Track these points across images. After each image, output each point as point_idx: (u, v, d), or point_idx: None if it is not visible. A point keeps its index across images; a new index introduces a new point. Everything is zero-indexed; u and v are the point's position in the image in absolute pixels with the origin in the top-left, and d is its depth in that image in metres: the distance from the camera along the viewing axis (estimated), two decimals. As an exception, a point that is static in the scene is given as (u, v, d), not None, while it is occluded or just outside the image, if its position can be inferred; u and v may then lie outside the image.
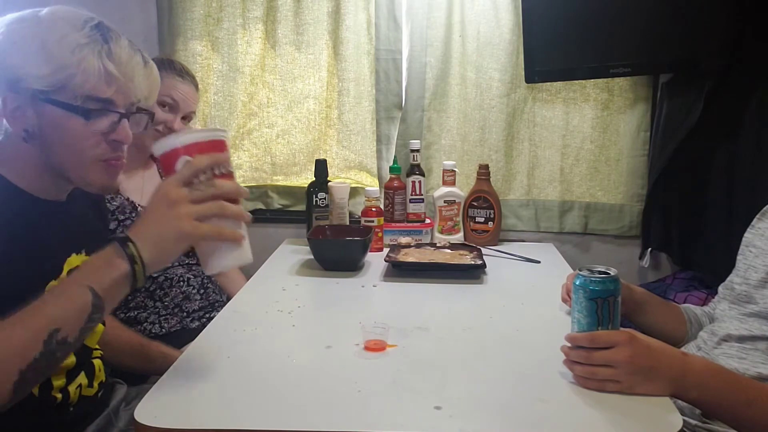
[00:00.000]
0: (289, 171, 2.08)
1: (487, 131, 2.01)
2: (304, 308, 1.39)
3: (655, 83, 1.93)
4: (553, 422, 0.91)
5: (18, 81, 0.97)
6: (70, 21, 0.99)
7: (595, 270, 1.01)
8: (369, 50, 1.99)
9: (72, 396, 1.11)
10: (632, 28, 1.75)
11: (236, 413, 0.91)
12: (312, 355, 1.13)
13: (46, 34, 0.97)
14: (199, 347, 1.15)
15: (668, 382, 0.96)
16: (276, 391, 0.99)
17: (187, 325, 1.63)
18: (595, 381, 0.97)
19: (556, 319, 1.30)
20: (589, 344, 0.98)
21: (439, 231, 1.95)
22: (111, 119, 1.02)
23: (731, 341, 1.15)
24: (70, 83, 0.97)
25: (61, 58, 0.96)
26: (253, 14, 1.98)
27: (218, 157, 0.95)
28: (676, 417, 0.90)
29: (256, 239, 2.02)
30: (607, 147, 2.00)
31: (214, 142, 0.95)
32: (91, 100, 0.99)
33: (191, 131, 1.20)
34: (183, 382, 1.01)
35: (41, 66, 0.96)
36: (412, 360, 1.01)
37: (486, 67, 1.97)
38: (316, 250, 1.66)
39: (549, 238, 2.04)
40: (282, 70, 2.02)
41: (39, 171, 1.03)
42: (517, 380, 1.03)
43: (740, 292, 1.19)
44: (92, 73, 0.97)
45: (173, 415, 0.91)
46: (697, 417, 1.08)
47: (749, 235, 1.25)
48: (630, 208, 2.01)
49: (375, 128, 2.03)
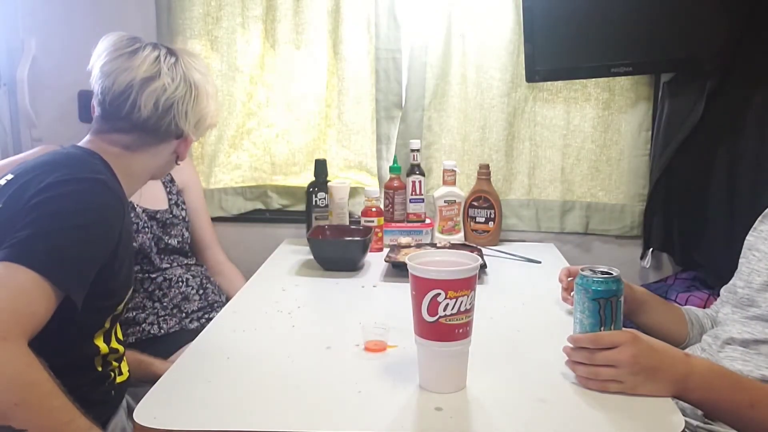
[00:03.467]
0: (289, 171, 2.07)
1: (488, 131, 2.00)
2: (304, 308, 1.38)
3: (657, 82, 1.92)
4: (555, 423, 0.91)
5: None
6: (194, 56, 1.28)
7: (597, 270, 1.00)
8: (369, 49, 1.98)
9: (113, 377, 1.21)
10: (633, 28, 1.74)
11: (236, 414, 0.91)
12: (312, 355, 1.12)
13: (203, 78, 1.27)
14: (198, 348, 1.15)
15: (671, 382, 0.96)
16: (276, 391, 0.98)
17: (186, 325, 1.62)
18: (598, 381, 0.96)
19: (557, 319, 1.29)
20: (592, 345, 0.97)
21: (440, 231, 1.94)
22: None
23: (735, 344, 1.15)
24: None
25: (209, 101, 1.29)
26: (252, 13, 1.97)
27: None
28: (678, 418, 0.90)
29: (255, 239, 2.06)
30: (608, 146, 1.99)
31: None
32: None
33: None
34: (182, 383, 1.01)
35: (205, 112, 1.29)
36: (412, 361, 1.00)
37: (486, 67, 1.96)
38: (315, 250, 1.66)
39: (550, 238, 2.04)
40: (281, 69, 2.01)
41: (139, 175, 1.27)
42: (518, 381, 1.02)
43: (743, 295, 1.19)
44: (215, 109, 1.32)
45: (172, 415, 0.90)
46: (699, 418, 1.08)
47: (751, 237, 1.24)
48: (631, 208, 2.00)
49: (375, 128, 2.02)
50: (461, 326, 0.94)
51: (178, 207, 1.75)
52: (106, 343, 1.16)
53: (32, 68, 2.00)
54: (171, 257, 1.70)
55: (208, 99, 1.26)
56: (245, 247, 2.03)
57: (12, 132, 2.05)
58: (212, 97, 1.28)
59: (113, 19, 1.98)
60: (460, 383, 0.98)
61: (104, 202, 1.08)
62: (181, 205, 1.76)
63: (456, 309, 0.92)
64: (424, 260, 0.98)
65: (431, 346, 0.95)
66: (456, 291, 0.92)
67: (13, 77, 2.00)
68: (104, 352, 1.15)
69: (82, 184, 1.07)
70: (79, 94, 1.93)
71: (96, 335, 1.14)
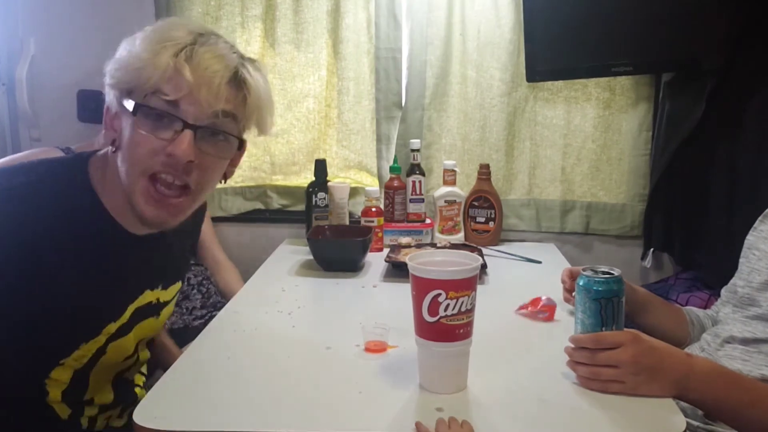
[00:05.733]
0: (289, 171, 2.07)
1: (488, 130, 2.00)
2: (304, 309, 1.38)
3: (657, 82, 1.92)
4: (555, 423, 0.91)
5: (111, 86, 0.95)
6: (174, 25, 0.96)
7: (598, 270, 1.00)
8: (369, 49, 1.98)
9: (98, 424, 1.11)
10: (634, 27, 1.74)
11: (236, 415, 0.91)
12: (312, 356, 1.12)
13: (142, 35, 0.94)
14: (198, 348, 1.15)
15: (672, 383, 0.96)
16: (276, 391, 0.98)
17: (190, 323, 1.63)
18: (599, 381, 0.96)
19: (557, 319, 1.29)
20: (593, 345, 0.97)
21: (440, 231, 1.94)
22: (174, 128, 0.93)
23: (735, 343, 1.15)
24: (139, 78, 0.91)
25: (138, 54, 0.92)
26: (252, 13, 1.97)
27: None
28: (679, 418, 0.90)
29: (255, 239, 2.05)
30: (608, 146, 1.99)
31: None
32: (155, 99, 0.92)
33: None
34: (182, 384, 1.01)
35: (122, 62, 0.93)
36: (412, 361, 1.00)
37: (487, 66, 1.96)
38: (315, 250, 1.66)
39: (550, 238, 2.03)
40: (281, 69, 2.01)
41: (122, 194, 0.97)
42: (518, 381, 1.02)
43: (743, 295, 1.18)
44: (160, 69, 0.90)
45: (173, 416, 0.90)
46: (699, 418, 1.08)
47: (752, 237, 1.24)
48: (632, 208, 2.00)
49: (375, 128, 2.02)
50: (462, 326, 0.93)
51: None
52: (70, 397, 1.04)
53: (31, 68, 2.00)
54: None
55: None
56: (245, 247, 2.03)
57: (11, 132, 2.05)
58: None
59: (112, 18, 1.97)
60: (461, 383, 0.98)
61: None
62: None
63: (457, 309, 0.92)
64: (424, 260, 0.98)
65: (432, 346, 0.95)
66: (457, 291, 0.91)
67: (13, 77, 2.00)
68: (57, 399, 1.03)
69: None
70: (78, 94, 1.93)
71: (46, 381, 1.01)
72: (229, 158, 1.03)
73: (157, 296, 1.12)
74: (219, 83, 0.93)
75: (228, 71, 0.95)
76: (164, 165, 0.94)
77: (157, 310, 1.14)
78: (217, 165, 1.01)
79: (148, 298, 1.10)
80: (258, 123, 1.03)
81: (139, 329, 1.10)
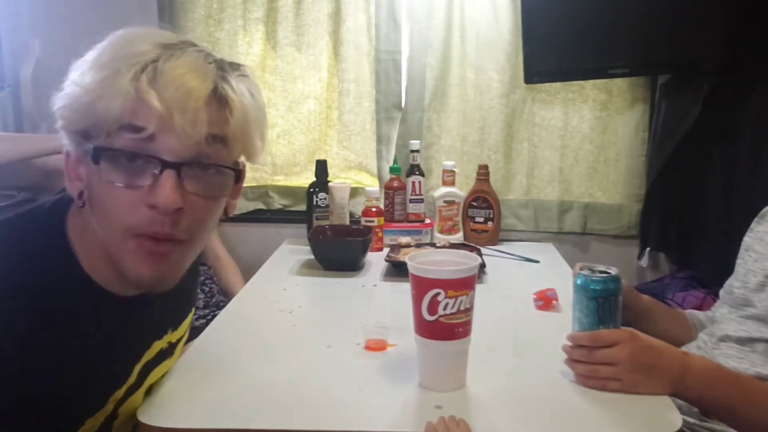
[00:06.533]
0: (290, 171, 2.08)
1: (487, 132, 2.01)
2: (305, 308, 1.39)
3: (654, 84, 1.93)
4: (553, 421, 0.92)
5: (64, 129, 0.77)
6: (134, 37, 0.78)
7: (596, 269, 1.01)
8: (369, 51, 1.99)
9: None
10: (631, 29, 1.75)
11: (237, 412, 0.92)
12: (312, 354, 1.13)
13: (94, 54, 0.76)
14: (200, 347, 1.16)
15: (669, 380, 0.97)
16: (277, 390, 0.99)
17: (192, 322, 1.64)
18: (597, 379, 0.97)
19: (555, 318, 1.30)
20: (590, 343, 0.98)
21: (439, 231, 1.95)
22: (151, 170, 0.74)
23: (730, 342, 1.16)
24: (95, 115, 0.73)
25: (88, 83, 0.73)
26: (253, 15, 1.99)
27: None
28: (675, 416, 0.91)
29: (256, 239, 2.06)
30: (605, 147, 2.00)
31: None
32: (120, 138, 0.73)
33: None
34: (185, 382, 1.01)
35: (71, 98, 0.74)
36: (412, 359, 1.01)
37: (485, 68, 1.97)
38: (316, 250, 1.67)
39: (548, 238, 2.05)
40: (282, 70, 2.02)
41: (105, 255, 0.80)
42: (517, 379, 1.03)
43: (739, 295, 1.19)
44: (119, 99, 0.72)
45: (175, 414, 0.91)
46: (695, 415, 1.09)
47: (748, 239, 1.25)
48: (628, 208, 2.01)
49: (375, 129, 2.03)
50: (461, 325, 0.95)
51: None
52: None
53: (36, 70, 2.01)
54: None
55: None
56: (246, 246, 2.05)
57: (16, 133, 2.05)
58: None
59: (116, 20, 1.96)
60: (460, 382, 0.99)
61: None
62: None
63: (456, 308, 0.93)
64: (424, 260, 0.99)
65: (431, 345, 0.96)
66: (456, 290, 0.93)
67: (17, 79, 2.01)
68: None
69: None
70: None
71: None
72: (226, 195, 0.84)
73: (167, 341, 0.99)
74: (196, 106, 0.73)
75: (205, 88, 0.75)
76: (149, 221, 0.75)
77: (170, 351, 1.02)
78: (213, 206, 0.82)
79: (156, 349, 0.96)
80: (245, 149, 0.83)
81: (151, 379, 0.97)
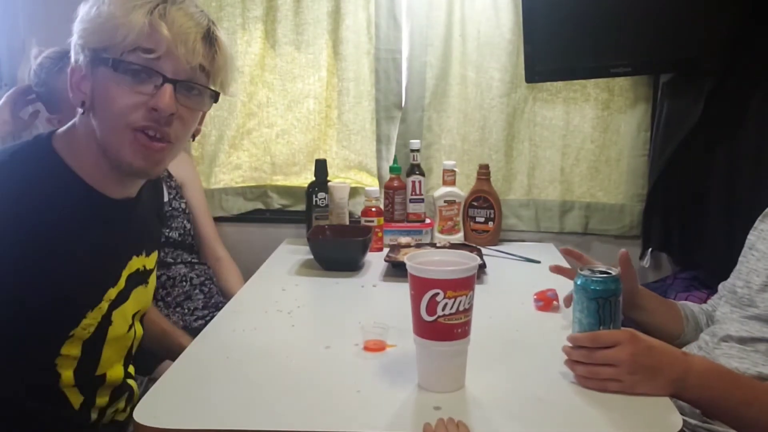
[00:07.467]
0: (289, 171, 2.08)
1: (488, 131, 2.00)
2: (304, 308, 1.38)
3: (656, 83, 1.92)
4: (553, 422, 0.91)
5: (81, 47, 0.98)
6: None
7: (596, 270, 1.01)
8: (369, 50, 1.98)
9: (106, 418, 1.12)
10: (633, 28, 1.74)
11: (236, 413, 0.91)
12: (311, 355, 1.13)
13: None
14: (199, 347, 1.15)
15: (669, 381, 0.96)
16: (275, 391, 0.99)
17: (190, 324, 1.63)
18: (597, 380, 0.97)
19: (555, 319, 1.29)
20: (591, 344, 0.98)
21: (439, 231, 1.94)
22: (154, 82, 0.97)
23: (732, 341, 1.15)
24: (115, 37, 0.95)
25: (111, 13, 0.95)
26: (252, 14, 1.98)
27: None
28: (676, 417, 0.90)
29: (256, 239, 2.06)
30: (607, 147, 1.99)
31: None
32: (134, 56, 0.95)
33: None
34: (183, 383, 1.01)
35: (94, 22, 0.95)
36: (411, 360, 1.00)
37: (486, 67, 1.97)
38: (315, 250, 1.66)
39: (549, 238, 2.04)
40: (282, 69, 2.02)
41: (97, 156, 1.00)
42: (516, 380, 1.03)
43: (742, 295, 1.19)
44: (136, 27, 0.94)
45: (173, 415, 0.91)
46: (697, 417, 1.08)
47: (752, 237, 1.24)
48: (630, 208, 2.00)
49: (375, 128, 2.02)
50: (460, 326, 0.94)
51: (177, 200, 1.76)
52: (79, 374, 1.05)
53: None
54: (175, 252, 1.71)
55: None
56: (245, 247, 2.04)
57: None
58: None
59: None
60: (459, 382, 0.99)
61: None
62: (179, 200, 1.77)
63: (455, 309, 0.92)
64: (423, 260, 0.98)
65: (430, 345, 0.95)
66: (455, 291, 0.92)
67: (14, 77, 2.00)
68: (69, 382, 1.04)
69: None
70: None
71: (57, 360, 1.02)
72: (204, 110, 1.09)
73: (143, 263, 1.16)
74: (194, 39, 0.98)
75: (201, 28, 0.99)
76: (147, 119, 0.98)
77: (145, 277, 1.18)
78: (194, 117, 1.06)
79: (136, 265, 1.13)
80: (223, 82, 1.08)
81: (134, 296, 1.13)
